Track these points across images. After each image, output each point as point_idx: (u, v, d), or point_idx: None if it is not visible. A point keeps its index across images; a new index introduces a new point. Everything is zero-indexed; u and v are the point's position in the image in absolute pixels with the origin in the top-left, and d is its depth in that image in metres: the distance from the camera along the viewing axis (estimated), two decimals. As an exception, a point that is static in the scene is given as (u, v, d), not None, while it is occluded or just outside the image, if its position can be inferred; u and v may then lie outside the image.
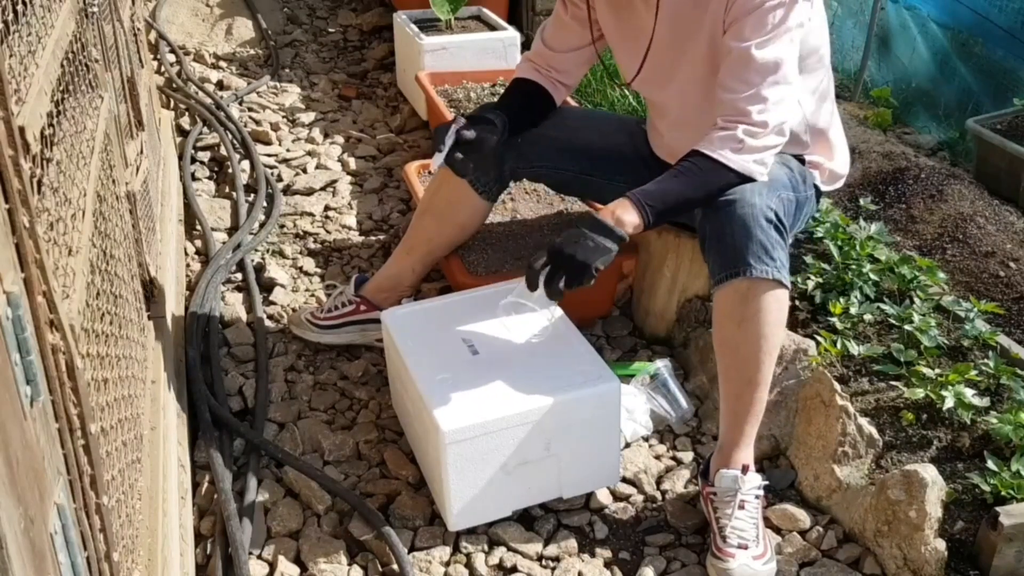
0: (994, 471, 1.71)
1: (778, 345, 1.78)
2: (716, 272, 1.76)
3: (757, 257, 1.71)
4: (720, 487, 1.75)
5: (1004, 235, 2.47)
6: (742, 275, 1.71)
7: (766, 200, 1.75)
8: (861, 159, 2.84)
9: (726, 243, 1.73)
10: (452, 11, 3.52)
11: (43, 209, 0.98)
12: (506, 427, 1.73)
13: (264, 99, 3.69)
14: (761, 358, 1.75)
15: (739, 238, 1.72)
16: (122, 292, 1.50)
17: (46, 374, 0.88)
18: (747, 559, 1.67)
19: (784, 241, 1.77)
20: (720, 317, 1.79)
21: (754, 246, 1.71)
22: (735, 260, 1.72)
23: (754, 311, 1.72)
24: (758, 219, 1.72)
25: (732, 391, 1.79)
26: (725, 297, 1.76)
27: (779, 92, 1.74)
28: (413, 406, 1.87)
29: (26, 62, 1.01)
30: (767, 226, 1.73)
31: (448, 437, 1.69)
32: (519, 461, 1.76)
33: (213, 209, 2.92)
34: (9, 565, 0.69)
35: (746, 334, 1.74)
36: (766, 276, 1.71)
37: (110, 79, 1.83)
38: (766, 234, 1.72)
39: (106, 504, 1.04)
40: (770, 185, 1.79)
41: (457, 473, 1.73)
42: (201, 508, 1.85)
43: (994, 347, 2.00)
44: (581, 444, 1.81)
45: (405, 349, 1.89)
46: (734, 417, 1.79)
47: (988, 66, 3.54)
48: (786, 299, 1.77)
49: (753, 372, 1.75)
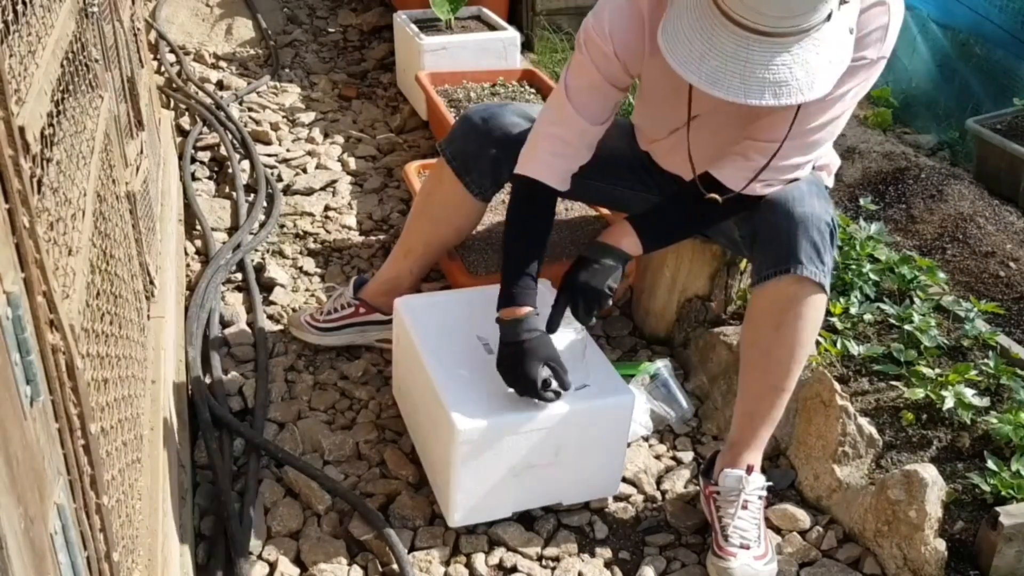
0: (994, 471, 1.71)
1: (808, 354, 1.76)
2: (764, 268, 1.74)
3: (809, 257, 1.70)
4: (724, 486, 1.75)
5: (1004, 235, 2.47)
6: (792, 272, 1.69)
7: (825, 206, 1.74)
8: (861, 159, 2.84)
9: (781, 240, 1.71)
10: (452, 11, 3.52)
11: (43, 209, 0.98)
12: (519, 431, 1.72)
13: (264, 99, 3.68)
14: (792, 366, 1.74)
15: (796, 236, 1.70)
16: (122, 292, 1.50)
17: (46, 374, 0.88)
18: (748, 559, 1.67)
19: (834, 251, 1.76)
20: (757, 316, 1.76)
21: (809, 246, 1.70)
22: (787, 257, 1.70)
23: (795, 316, 1.71)
24: (817, 222, 1.70)
25: (754, 393, 1.77)
26: (767, 296, 1.74)
27: (823, 138, 1.69)
28: (423, 400, 1.85)
29: (26, 62, 1.01)
30: (824, 230, 1.71)
31: (462, 436, 1.68)
32: (527, 465, 1.76)
33: (213, 209, 2.91)
34: (9, 565, 0.69)
35: (782, 338, 1.72)
36: (815, 278, 1.69)
37: (110, 79, 1.83)
38: (822, 237, 1.71)
39: (106, 504, 1.04)
40: (823, 193, 1.78)
41: (465, 472, 1.72)
42: (201, 508, 1.85)
43: (994, 347, 2.00)
44: (588, 454, 1.80)
45: (420, 341, 1.86)
46: (750, 419, 1.77)
47: (988, 66, 3.54)
48: (824, 307, 1.75)
49: (781, 378, 1.74)
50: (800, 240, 1.70)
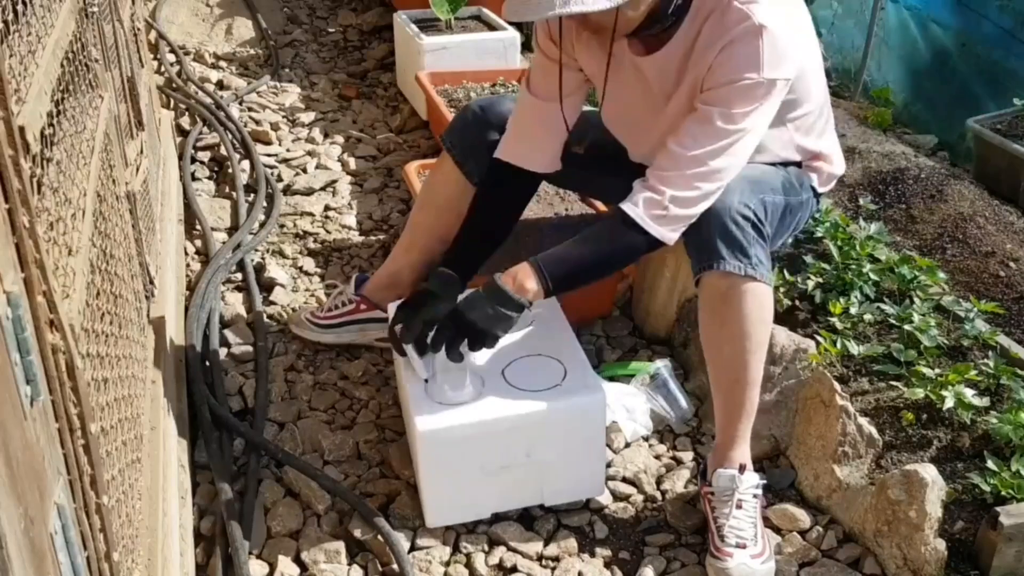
0: (994, 471, 1.71)
1: (763, 342, 1.77)
2: (694, 265, 1.77)
3: (730, 252, 1.71)
4: (718, 487, 1.75)
5: (1004, 235, 2.47)
6: (715, 268, 1.71)
7: (743, 198, 1.74)
8: (861, 159, 2.84)
9: (701, 236, 1.74)
10: (452, 11, 3.52)
11: (43, 209, 0.98)
12: (484, 432, 1.73)
13: (264, 99, 3.69)
14: (746, 358, 1.75)
15: (712, 231, 1.72)
16: (122, 292, 1.50)
17: (46, 374, 0.88)
18: (745, 558, 1.67)
19: (764, 241, 1.76)
20: (703, 316, 1.79)
21: (726, 241, 1.71)
22: (708, 253, 1.73)
23: (735, 310, 1.73)
24: (732, 215, 1.72)
25: (721, 390, 1.80)
26: (703, 293, 1.77)
27: (725, 166, 1.69)
28: (404, 401, 1.89)
29: (26, 62, 1.01)
30: (743, 222, 1.72)
31: (424, 437, 1.71)
32: (498, 466, 1.77)
33: (213, 209, 2.92)
34: (9, 565, 0.69)
35: (729, 333, 1.74)
36: (738, 272, 1.71)
37: (110, 79, 1.83)
38: (741, 231, 1.72)
39: (106, 504, 1.04)
40: (754, 186, 1.78)
41: (433, 472, 1.75)
42: (201, 508, 1.85)
43: (994, 347, 2.00)
44: (563, 453, 1.80)
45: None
46: (727, 416, 1.79)
47: (988, 66, 3.54)
48: (767, 296, 1.76)
49: (740, 371, 1.76)
50: (715, 235, 1.71)
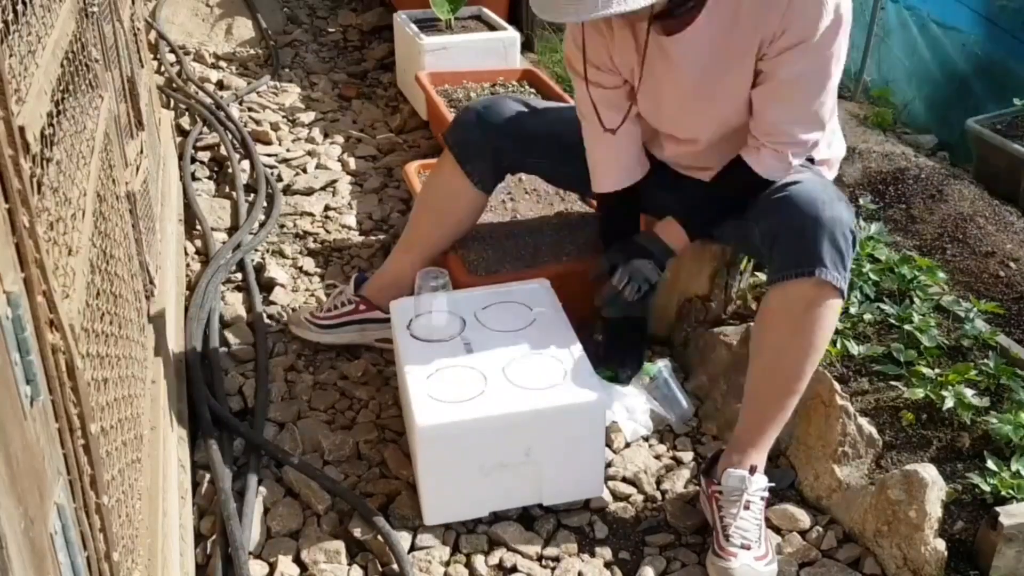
0: (994, 471, 1.71)
1: (820, 358, 1.77)
2: (784, 268, 1.73)
3: (833, 262, 1.70)
4: (727, 486, 1.74)
5: (1004, 235, 2.47)
6: (815, 275, 1.69)
7: (851, 214, 1.76)
8: (861, 159, 2.84)
9: (806, 241, 1.71)
10: (452, 11, 3.52)
11: (43, 209, 0.98)
12: (484, 428, 1.73)
13: (264, 99, 3.69)
14: (806, 368, 1.74)
15: (821, 239, 1.70)
16: (122, 292, 1.50)
17: (46, 374, 0.88)
18: (749, 559, 1.67)
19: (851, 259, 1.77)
20: (772, 316, 1.76)
21: (833, 251, 1.70)
22: (811, 259, 1.70)
23: (812, 319, 1.71)
24: (843, 228, 1.71)
25: (764, 394, 1.77)
26: (786, 297, 1.73)
27: (828, 113, 1.81)
28: (404, 399, 1.89)
29: (26, 62, 1.01)
30: (848, 236, 1.72)
31: (423, 433, 1.71)
32: (497, 463, 1.77)
33: (213, 209, 2.92)
34: (9, 565, 0.69)
35: (799, 342, 1.72)
36: (835, 283, 1.70)
37: (110, 79, 1.83)
38: (846, 243, 1.72)
39: (106, 504, 1.04)
40: (850, 205, 1.80)
41: (432, 468, 1.75)
42: (201, 508, 1.85)
43: (994, 347, 2.00)
44: (563, 454, 1.80)
45: (402, 341, 1.91)
46: (759, 419, 1.77)
47: (988, 66, 3.54)
48: (838, 315, 1.77)
49: (795, 382, 1.75)
50: (825, 243, 1.70)
